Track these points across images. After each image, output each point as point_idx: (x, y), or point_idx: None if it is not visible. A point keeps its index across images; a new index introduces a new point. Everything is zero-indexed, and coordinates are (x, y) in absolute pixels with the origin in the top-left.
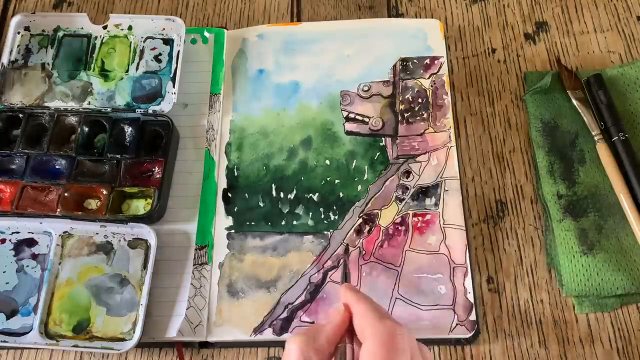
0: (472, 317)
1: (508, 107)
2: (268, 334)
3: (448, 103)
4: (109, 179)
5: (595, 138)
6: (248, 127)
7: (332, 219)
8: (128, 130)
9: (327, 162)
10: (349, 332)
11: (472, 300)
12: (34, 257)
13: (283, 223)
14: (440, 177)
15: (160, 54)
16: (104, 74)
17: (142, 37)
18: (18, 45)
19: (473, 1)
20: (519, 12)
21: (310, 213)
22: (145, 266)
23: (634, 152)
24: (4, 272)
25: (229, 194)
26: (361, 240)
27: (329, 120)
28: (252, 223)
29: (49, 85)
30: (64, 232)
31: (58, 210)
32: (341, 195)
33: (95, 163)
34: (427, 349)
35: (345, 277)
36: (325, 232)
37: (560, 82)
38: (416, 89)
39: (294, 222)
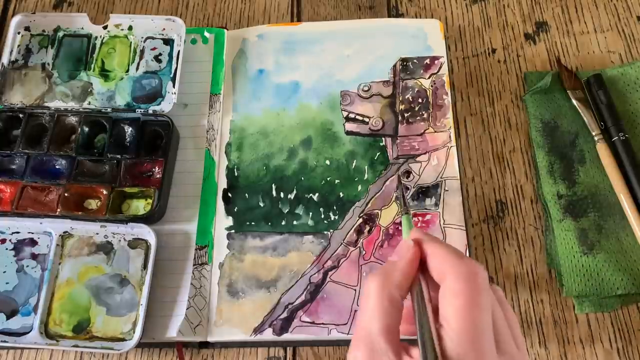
0: None
1: (508, 107)
2: (268, 334)
3: (448, 103)
4: (109, 179)
5: (595, 138)
6: (248, 127)
7: (332, 219)
8: (128, 130)
9: (327, 162)
10: (420, 270)
11: None
12: (34, 257)
13: (283, 223)
14: (441, 177)
15: (160, 54)
16: (104, 74)
17: (142, 37)
18: (18, 45)
19: (473, 1)
20: (519, 12)
21: (311, 213)
22: (145, 266)
23: (634, 152)
24: (4, 272)
25: (229, 194)
26: (361, 240)
27: (329, 120)
28: (252, 223)
29: (49, 85)
30: (64, 232)
31: (58, 210)
32: (341, 195)
33: (95, 163)
34: (501, 291)
35: (404, 203)
36: (326, 232)
37: (560, 82)
38: (416, 89)
39: (294, 222)
